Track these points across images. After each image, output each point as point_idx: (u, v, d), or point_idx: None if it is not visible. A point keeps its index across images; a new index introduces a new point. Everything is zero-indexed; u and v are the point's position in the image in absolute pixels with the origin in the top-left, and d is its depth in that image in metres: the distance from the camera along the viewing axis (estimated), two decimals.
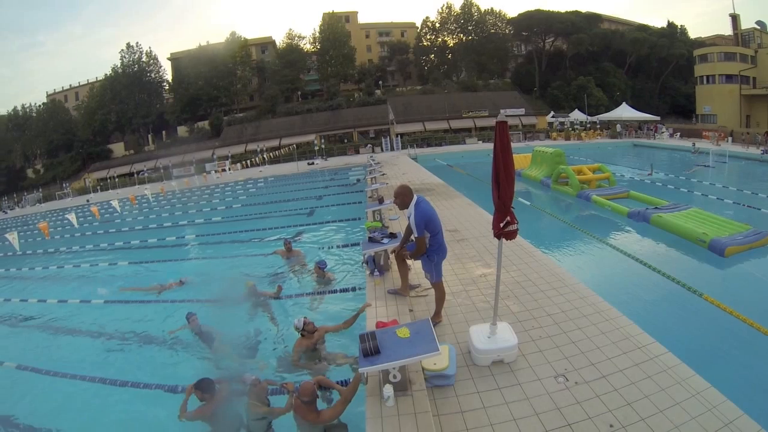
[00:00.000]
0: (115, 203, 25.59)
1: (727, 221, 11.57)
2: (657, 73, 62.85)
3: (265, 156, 42.88)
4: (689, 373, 5.07)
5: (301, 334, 7.13)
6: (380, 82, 67.02)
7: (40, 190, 55.64)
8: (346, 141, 55.65)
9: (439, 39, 67.49)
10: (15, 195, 56.83)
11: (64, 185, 55.32)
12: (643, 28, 64.76)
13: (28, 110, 67.46)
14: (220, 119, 62.11)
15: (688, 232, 11.36)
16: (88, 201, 39.67)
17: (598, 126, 47.11)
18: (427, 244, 6.44)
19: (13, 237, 15.95)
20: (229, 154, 52.51)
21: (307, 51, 66.95)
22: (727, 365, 6.18)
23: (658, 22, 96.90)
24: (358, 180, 26.95)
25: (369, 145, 49.82)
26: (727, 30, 58.43)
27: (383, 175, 22.13)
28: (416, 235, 6.32)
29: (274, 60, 65.52)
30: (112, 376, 7.74)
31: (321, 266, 10.56)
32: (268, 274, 11.94)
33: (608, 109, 50.31)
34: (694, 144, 31.21)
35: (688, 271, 9.75)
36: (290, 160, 44.33)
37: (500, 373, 5.46)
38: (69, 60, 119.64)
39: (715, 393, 4.73)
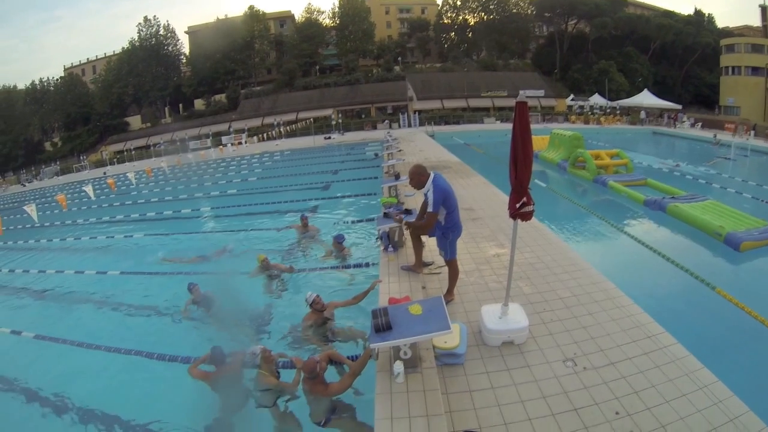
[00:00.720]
0: (131, 176, 25.82)
1: (744, 215, 11.36)
2: (681, 61, 61.06)
3: (282, 130, 42.84)
4: (697, 365, 5.05)
5: (311, 309, 7.24)
6: (399, 59, 66.31)
7: (58, 163, 56.09)
8: (363, 116, 55.28)
9: (460, 17, 66.30)
10: (33, 168, 57.54)
11: (81, 158, 55.95)
12: (669, 15, 62.82)
13: (45, 84, 67.48)
14: (237, 92, 61.98)
15: (704, 223, 11.21)
16: (104, 173, 40.05)
17: (618, 111, 46.34)
18: (443, 221, 6.46)
19: (31, 209, 16.21)
20: (246, 128, 52.63)
21: (326, 26, 66.13)
22: (736, 360, 6.13)
23: (685, 9, 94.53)
24: (376, 155, 26.88)
25: (386, 121, 49.49)
26: (756, 21, 56.74)
27: (400, 151, 22.03)
28: (431, 210, 6.32)
29: (293, 34, 64.82)
30: (127, 346, 7.94)
31: (339, 240, 10.55)
32: (283, 248, 12.04)
33: (629, 95, 49.26)
34: (715, 135, 30.60)
35: (702, 264, 9.63)
36: (307, 134, 44.30)
37: (510, 354, 5.50)
38: (86, 34, 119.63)
39: (722, 387, 4.70)
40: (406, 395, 4.49)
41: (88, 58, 72.08)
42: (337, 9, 63.78)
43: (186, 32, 68.37)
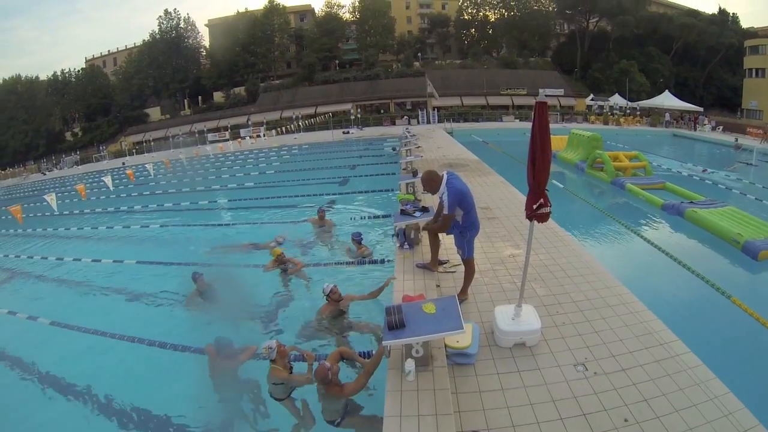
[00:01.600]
0: (149, 167, 26.05)
1: (764, 224, 11.11)
2: (704, 61, 59.77)
3: (300, 123, 42.98)
4: (709, 375, 4.99)
5: (327, 300, 7.33)
6: (419, 54, 66.15)
7: (78, 152, 57.09)
8: (382, 112, 55.38)
9: (481, 13, 66.05)
10: (54, 157, 58.66)
11: (100, 148, 57.13)
12: (693, 14, 61.44)
13: (67, 75, 68.59)
14: (257, 85, 62.45)
15: (722, 230, 11.03)
16: (123, 164, 40.47)
17: (638, 112, 45.72)
18: (460, 221, 6.46)
19: (51, 198, 16.48)
20: (264, 121, 52.91)
21: (346, 20, 66.23)
22: (748, 372, 6.04)
23: (709, 8, 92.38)
24: (394, 149, 26.91)
25: (405, 117, 49.42)
26: None
27: (418, 147, 21.98)
28: (446, 212, 6.33)
29: (313, 28, 65.05)
30: (141, 334, 8.09)
31: (356, 238, 10.37)
32: (299, 241, 12.12)
33: (650, 96, 48.54)
34: (736, 139, 29.99)
35: (719, 271, 9.49)
36: (326, 129, 44.38)
37: (521, 356, 5.51)
38: (108, 26, 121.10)
39: (733, 399, 4.64)
40: (417, 393, 4.52)
41: (109, 50, 73.35)
42: (357, 3, 63.90)
43: (206, 25, 69.48)
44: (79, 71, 68.82)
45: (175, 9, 65.90)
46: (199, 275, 9.11)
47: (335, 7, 66.32)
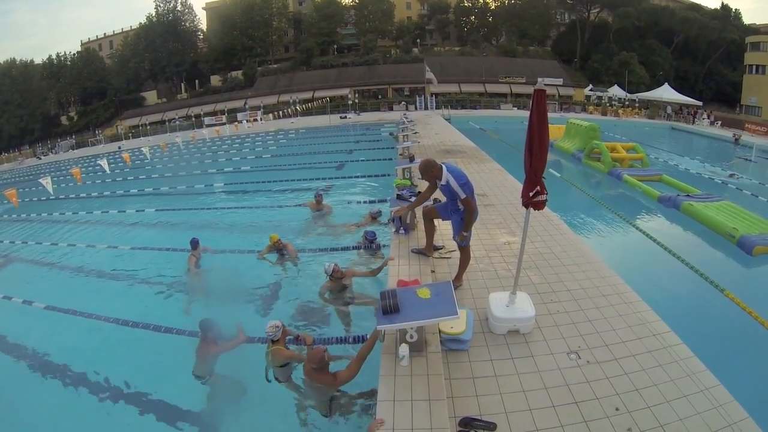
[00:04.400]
0: (146, 150, 25.92)
1: (759, 219, 11.12)
2: (704, 56, 59.60)
3: (297, 108, 42.75)
4: (700, 367, 5.01)
5: (330, 278, 7.45)
6: (418, 41, 65.74)
7: (74, 136, 56.77)
8: (380, 97, 55.20)
9: (481, 0, 65.73)
10: (49, 141, 58.11)
11: (96, 132, 56.84)
12: (695, 8, 61.37)
13: (62, 59, 67.76)
14: (254, 69, 62.12)
15: (717, 224, 11.02)
16: (119, 147, 40.26)
17: (637, 104, 45.62)
18: (461, 207, 6.35)
19: (47, 182, 16.39)
20: (262, 105, 52.59)
21: (345, 5, 65.73)
22: (739, 366, 6.04)
23: (712, 3, 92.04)
24: (392, 133, 26.91)
25: (403, 103, 49.15)
26: None
27: (416, 133, 21.92)
28: (463, 197, 6.19)
29: (311, 12, 64.53)
30: (135, 318, 8.10)
31: (369, 237, 9.70)
32: (295, 226, 12.10)
33: (649, 88, 48.17)
34: (733, 134, 29.99)
35: (713, 265, 9.46)
36: (323, 113, 44.21)
37: (515, 343, 5.51)
38: (103, 9, 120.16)
39: (723, 391, 4.66)
40: (410, 378, 4.53)
41: (105, 33, 72.73)
42: None
43: (204, 8, 68.93)
44: (74, 54, 68.14)
45: None
46: (197, 240, 9.27)
47: None
